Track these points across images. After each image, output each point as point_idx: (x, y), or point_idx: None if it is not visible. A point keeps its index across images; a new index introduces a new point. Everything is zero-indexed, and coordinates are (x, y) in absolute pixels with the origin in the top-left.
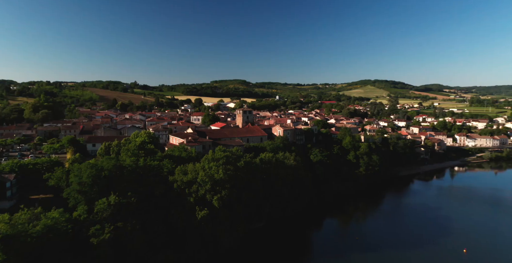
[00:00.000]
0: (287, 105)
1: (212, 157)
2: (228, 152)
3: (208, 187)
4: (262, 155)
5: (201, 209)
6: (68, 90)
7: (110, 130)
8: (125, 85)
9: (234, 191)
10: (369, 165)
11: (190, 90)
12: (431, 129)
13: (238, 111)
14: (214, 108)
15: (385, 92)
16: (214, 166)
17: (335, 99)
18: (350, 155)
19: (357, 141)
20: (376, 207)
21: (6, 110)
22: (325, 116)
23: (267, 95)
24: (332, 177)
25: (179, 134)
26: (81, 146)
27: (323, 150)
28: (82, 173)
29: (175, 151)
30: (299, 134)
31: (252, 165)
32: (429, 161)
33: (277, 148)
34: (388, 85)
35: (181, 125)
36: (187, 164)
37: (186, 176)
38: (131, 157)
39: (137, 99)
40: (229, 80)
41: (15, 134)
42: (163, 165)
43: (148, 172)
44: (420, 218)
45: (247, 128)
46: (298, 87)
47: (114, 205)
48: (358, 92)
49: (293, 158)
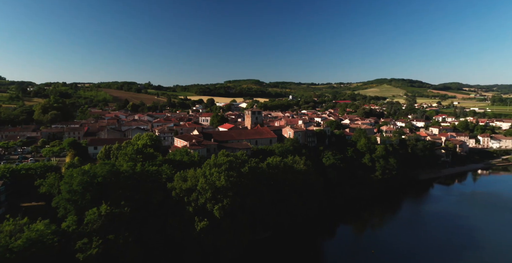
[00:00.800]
0: (300, 105)
1: (214, 162)
2: (231, 156)
3: (209, 195)
4: (270, 159)
5: (201, 220)
6: (83, 91)
7: (114, 132)
8: (139, 86)
9: (237, 199)
10: (385, 169)
11: (203, 91)
12: (452, 130)
13: (247, 112)
14: (226, 109)
15: (402, 91)
16: (215, 172)
17: (350, 98)
18: (365, 158)
19: (373, 143)
20: (393, 214)
21: (16, 112)
22: (339, 116)
23: (281, 95)
24: (346, 181)
25: (183, 136)
26: (82, 149)
27: (336, 152)
28: (72, 180)
29: (176, 154)
30: (310, 135)
31: (258, 170)
32: (450, 163)
33: (286, 151)
34: (405, 84)
35: (187, 127)
36: (189, 169)
37: (186, 183)
38: (128, 161)
39: (150, 99)
40: (242, 80)
41: (18, 135)
42: (161, 170)
43: (145, 178)
44: (441, 228)
45: (255, 130)
46: (312, 86)
47: (105, 216)
48: (374, 91)
49: (303, 162)
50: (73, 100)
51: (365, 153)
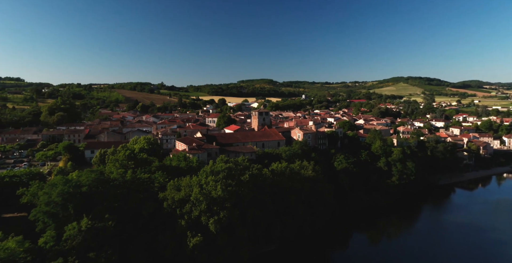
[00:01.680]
0: (313, 104)
1: (211, 169)
2: (231, 162)
3: (203, 207)
4: (274, 165)
5: (194, 235)
6: (96, 92)
7: (114, 135)
8: (152, 86)
9: (235, 211)
10: (403, 173)
11: (216, 91)
12: (474, 130)
13: (254, 113)
14: (236, 109)
15: (419, 90)
16: (211, 181)
17: (365, 97)
18: (381, 161)
19: (389, 145)
20: (411, 224)
21: (24, 113)
22: (353, 116)
23: (294, 94)
24: (359, 187)
25: (184, 139)
26: (79, 153)
27: (349, 156)
28: (52, 190)
29: (173, 160)
30: (321, 137)
31: (260, 178)
32: (474, 167)
33: (294, 155)
34: (422, 82)
35: (191, 129)
36: (184, 177)
37: (179, 192)
38: (119, 168)
39: (162, 100)
40: (255, 80)
41: (18, 138)
42: (154, 178)
43: (136, 187)
44: (464, 241)
45: (262, 132)
46: (326, 85)
47: (87, 231)
48: (390, 90)
49: (311, 167)
50: (85, 102)
51: (380, 156)
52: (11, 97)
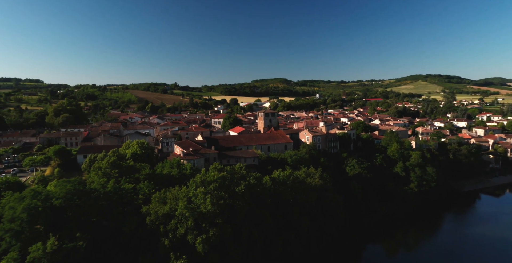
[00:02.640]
0: (328, 104)
1: (202, 179)
2: (225, 171)
3: (190, 224)
4: (276, 173)
5: (178, 257)
6: (110, 92)
7: (111, 138)
8: (166, 86)
9: (228, 228)
10: (422, 180)
11: (229, 90)
12: (500, 130)
13: (260, 113)
14: (247, 109)
15: (438, 88)
16: (200, 194)
17: (381, 96)
18: (398, 166)
19: (407, 148)
20: (432, 235)
21: (32, 115)
22: (369, 116)
23: (308, 93)
24: (374, 195)
25: (182, 143)
26: (72, 158)
27: (363, 160)
28: (17, 204)
29: (165, 166)
30: (332, 140)
31: (258, 189)
32: (500, 171)
33: (301, 160)
34: (442, 80)
35: (193, 131)
36: (173, 187)
37: (165, 206)
38: (101, 177)
39: (175, 100)
40: (270, 79)
41: (14, 141)
42: (139, 188)
43: (119, 199)
44: (492, 257)
45: (268, 134)
46: (342, 84)
47: (53, 253)
48: (408, 88)
49: (318, 174)
50: (97, 102)
51: (397, 161)
52: (26, 98)
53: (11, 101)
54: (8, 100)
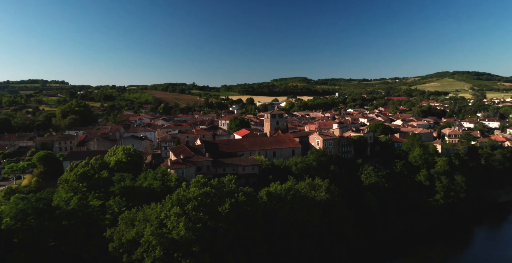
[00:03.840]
0: (347, 103)
1: (179, 196)
2: (208, 186)
3: (159, 253)
4: (273, 187)
5: None
6: (128, 93)
7: (104, 142)
8: (184, 87)
9: (205, 259)
10: (449, 190)
11: (246, 90)
12: None
13: (266, 115)
14: (261, 109)
15: (467, 85)
16: (173, 216)
17: (405, 94)
18: (421, 174)
19: (431, 154)
20: (462, 253)
21: (41, 117)
22: (390, 116)
23: (328, 92)
24: (393, 207)
25: (175, 148)
26: (57, 165)
27: (380, 167)
28: None
29: (148, 177)
30: (345, 144)
31: (248, 207)
32: None
33: (307, 168)
34: (470, 77)
35: (194, 134)
36: (153, 203)
37: (132, 229)
38: (68, 191)
39: (192, 100)
40: (289, 78)
41: (8, 145)
42: (108, 206)
43: (85, 219)
44: None
45: (274, 138)
46: (364, 82)
47: None
48: (434, 86)
49: (325, 187)
50: (113, 103)
51: (420, 168)
52: (46, 100)
53: (31, 103)
54: (28, 102)
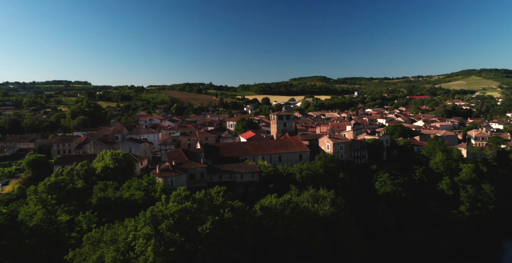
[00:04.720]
0: (366, 102)
1: (153, 212)
2: (190, 200)
3: None
4: (267, 200)
5: None
6: (145, 93)
7: (101, 145)
8: (201, 86)
9: None
10: (476, 200)
11: (263, 89)
12: None
13: (272, 116)
14: (275, 108)
15: (495, 84)
16: (142, 238)
17: (428, 93)
18: (444, 182)
19: (455, 159)
20: None
21: (53, 117)
22: (411, 116)
23: (347, 91)
24: (411, 220)
25: (170, 153)
26: (47, 170)
27: (397, 174)
28: None
29: (132, 186)
30: (358, 148)
31: (235, 226)
32: None
33: (313, 176)
34: (499, 75)
35: (196, 137)
36: (133, 218)
37: (95, 253)
38: (37, 204)
39: (208, 100)
40: (308, 77)
41: (7, 147)
42: (77, 222)
43: (51, 237)
44: None
45: (281, 141)
46: (385, 81)
47: None
48: (460, 84)
49: (330, 199)
50: (129, 103)
51: (442, 175)
52: (65, 100)
53: (51, 103)
54: (48, 102)
